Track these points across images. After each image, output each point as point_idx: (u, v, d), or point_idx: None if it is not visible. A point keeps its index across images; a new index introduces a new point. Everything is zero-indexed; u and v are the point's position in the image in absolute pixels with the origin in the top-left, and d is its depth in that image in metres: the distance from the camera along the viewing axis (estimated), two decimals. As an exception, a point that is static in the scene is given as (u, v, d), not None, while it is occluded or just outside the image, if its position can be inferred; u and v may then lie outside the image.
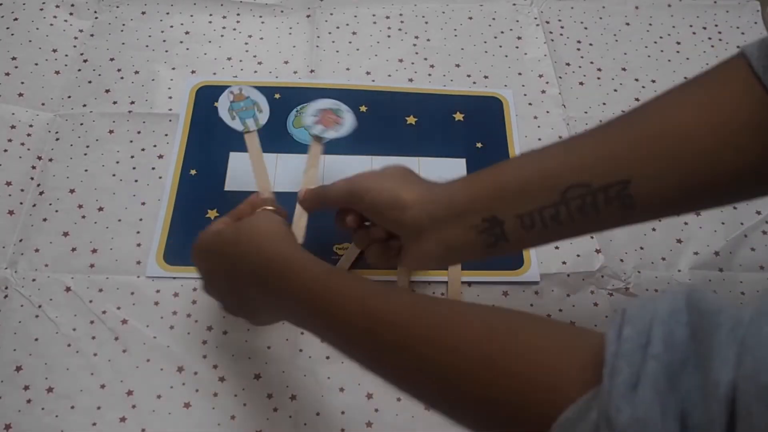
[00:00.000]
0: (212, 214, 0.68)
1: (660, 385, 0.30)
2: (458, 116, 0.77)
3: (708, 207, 0.49)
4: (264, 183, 0.62)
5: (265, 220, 0.53)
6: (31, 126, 0.73)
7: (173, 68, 0.79)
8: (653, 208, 0.47)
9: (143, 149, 0.72)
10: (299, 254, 0.49)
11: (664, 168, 0.45)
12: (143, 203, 0.69)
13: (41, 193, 0.69)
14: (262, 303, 0.51)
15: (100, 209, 0.68)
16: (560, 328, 0.40)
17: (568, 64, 0.82)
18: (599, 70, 0.82)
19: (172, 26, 0.82)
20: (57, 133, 0.73)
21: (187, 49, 0.80)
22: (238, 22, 0.83)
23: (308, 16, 0.84)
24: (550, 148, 0.50)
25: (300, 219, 0.62)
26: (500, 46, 0.83)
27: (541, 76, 0.80)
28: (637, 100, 0.79)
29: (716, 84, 0.46)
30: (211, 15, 0.84)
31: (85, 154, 0.72)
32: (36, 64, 0.78)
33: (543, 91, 0.79)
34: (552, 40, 0.84)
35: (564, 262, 0.67)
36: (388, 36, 0.83)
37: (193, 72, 0.78)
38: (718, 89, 0.46)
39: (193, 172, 0.71)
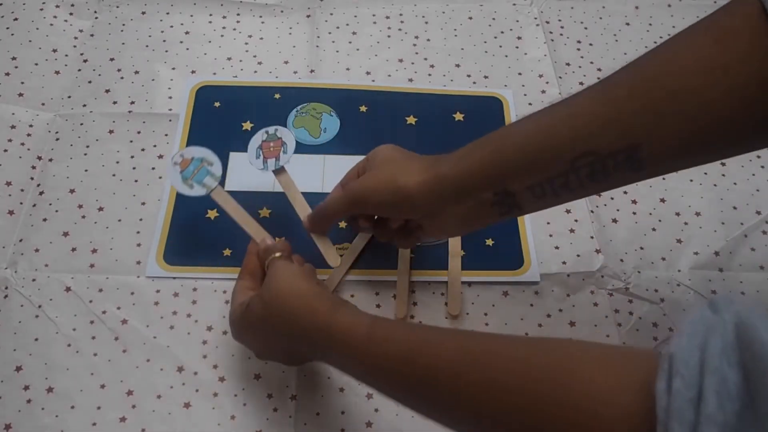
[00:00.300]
0: (212, 214, 0.68)
1: None
2: (458, 116, 0.77)
3: (721, 158, 0.48)
4: (255, 230, 0.60)
5: (284, 283, 0.51)
6: (31, 126, 0.73)
7: (173, 68, 0.79)
8: (663, 167, 0.46)
9: (143, 149, 0.72)
10: (337, 314, 0.48)
11: (674, 127, 0.43)
12: (143, 203, 0.69)
13: (41, 193, 0.69)
14: (315, 355, 0.52)
15: (100, 209, 0.68)
16: (608, 363, 0.37)
17: (568, 64, 0.82)
18: (599, 70, 0.82)
19: (172, 26, 0.82)
20: (57, 133, 0.73)
21: (187, 49, 0.80)
22: (238, 22, 0.83)
23: (308, 16, 0.84)
24: (552, 113, 0.49)
25: (326, 246, 0.61)
26: (500, 46, 0.83)
27: (541, 76, 0.80)
28: (637, 100, 0.79)
29: (725, 32, 0.43)
30: (211, 15, 0.84)
31: (85, 154, 0.72)
32: (36, 64, 0.78)
33: (543, 91, 0.79)
34: (552, 40, 0.84)
35: (564, 262, 0.67)
36: (388, 36, 0.83)
37: (193, 72, 0.78)
38: (728, 37, 0.43)
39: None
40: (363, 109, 0.76)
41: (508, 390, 0.39)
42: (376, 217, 0.59)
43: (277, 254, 0.56)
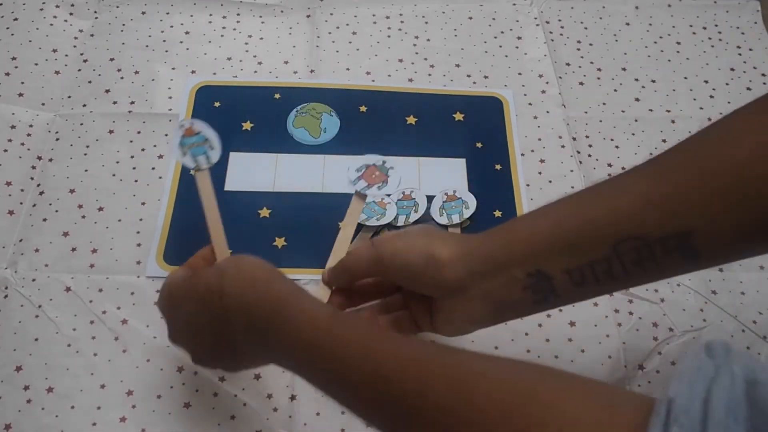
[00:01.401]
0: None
1: None
2: (458, 116, 0.77)
3: None
4: (217, 235, 0.56)
5: (248, 261, 0.47)
6: (31, 126, 0.73)
7: (173, 68, 0.79)
8: (722, 257, 0.42)
9: (143, 149, 0.72)
10: (301, 295, 0.45)
11: (731, 215, 0.39)
12: (143, 203, 0.69)
13: (41, 193, 0.69)
14: (251, 349, 0.46)
15: (100, 209, 0.68)
16: (595, 407, 0.33)
17: (568, 64, 0.82)
18: (599, 70, 0.82)
19: (172, 26, 0.82)
20: (57, 133, 0.73)
21: (187, 49, 0.80)
22: (238, 22, 0.83)
23: (308, 16, 0.84)
24: (593, 193, 0.45)
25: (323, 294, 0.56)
26: (500, 46, 0.83)
27: (541, 76, 0.80)
28: (637, 100, 0.79)
29: None
30: (211, 15, 0.84)
31: (85, 154, 0.72)
32: (36, 64, 0.78)
33: (543, 91, 0.79)
34: (552, 40, 0.84)
35: (564, 262, 0.67)
36: (388, 36, 0.83)
37: (193, 72, 0.78)
38: None
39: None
40: (363, 109, 0.76)
41: (481, 414, 0.34)
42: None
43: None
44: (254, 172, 0.71)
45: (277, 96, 0.77)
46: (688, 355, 0.32)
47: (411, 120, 0.76)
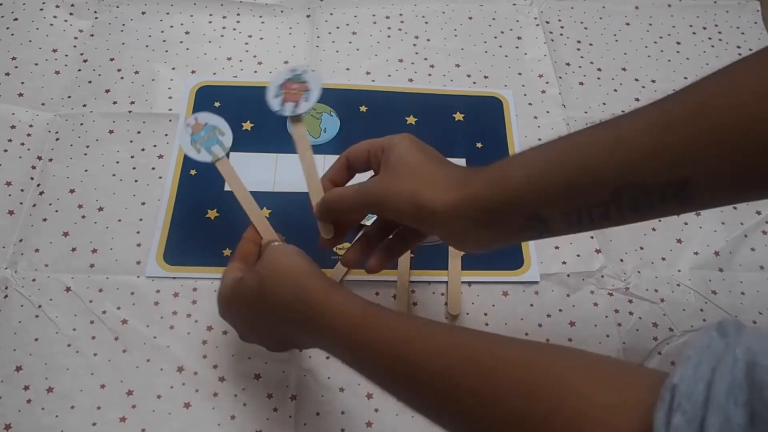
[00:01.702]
0: (212, 214, 0.68)
1: None
2: (458, 116, 0.77)
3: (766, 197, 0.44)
4: (255, 215, 0.57)
5: (283, 259, 0.51)
6: (31, 126, 0.73)
7: (173, 68, 0.79)
8: (713, 202, 0.43)
9: (143, 149, 0.72)
10: (332, 295, 0.47)
11: (729, 166, 0.40)
12: (143, 203, 0.69)
13: (41, 193, 0.69)
14: (303, 340, 0.52)
15: (100, 209, 0.68)
16: (607, 381, 0.35)
17: (568, 64, 0.82)
18: (599, 70, 0.82)
19: (172, 26, 0.82)
20: (57, 133, 0.73)
21: (187, 49, 0.80)
22: (238, 22, 0.83)
23: (308, 16, 0.84)
24: (594, 139, 0.45)
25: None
26: (500, 46, 0.83)
27: (541, 76, 0.80)
28: (637, 100, 0.79)
29: None
30: (211, 15, 0.84)
31: (85, 154, 0.72)
32: (36, 64, 0.78)
33: (543, 91, 0.79)
34: (552, 40, 0.84)
35: (564, 262, 0.67)
36: (388, 36, 0.83)
37: (193, 72, 0.78)
38: None
39: (193, 172, 0.71)
40: (363, 109, 0.76)
41: (498, 399, 0.37)
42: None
43: (276, 243, 0.56)
44: (254, 172, 0.71)
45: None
46: (700, 333, 0.32)
47: (411, 120, 0.76)
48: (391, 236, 0.57)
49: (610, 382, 0.35)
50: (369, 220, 0.65)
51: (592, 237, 0.68)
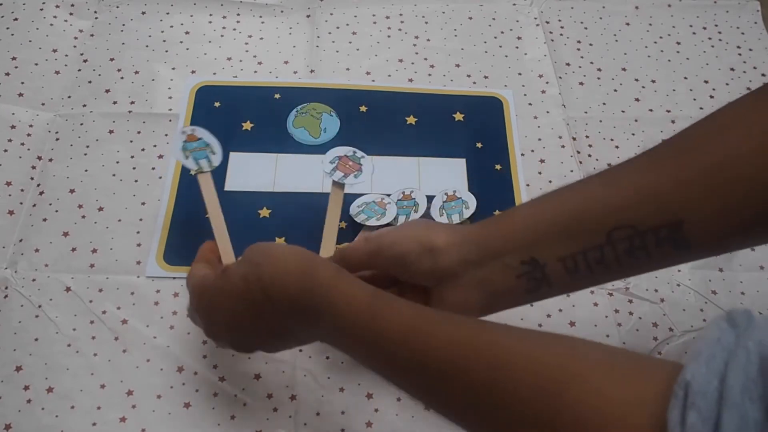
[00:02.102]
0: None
1: None
2: (458, 116, 0.77)
3: None
4: (221, 233, 0.59)
5: (278, 246, 0.48)
6: (31, 126, 0.73)
7: (173, 68, 0.79)
8: (711, 249, 0.43)
9: (143, 149, 0.72)
10: (340, 282, 0.45)
11: (720, 205, 0.40)
12: (143, 203, 0.69)
13: (41, 193, 0.69)
14: (301, 333, 0.48)
15: (100, 209, 0.68)
16: (620, 382, 0.34)
17: (568, 64, 0.82)
18: (599, 70, 0.82)
19: (172, 26, 0.82)
20: (57, 133, 0.73)
21: (187, 49, 0.80)
22: (238, 22, 0.83)
23: (308, 16, 0.84)
24: (588, 183, 0.46)
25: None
26: (500, 46, 0.83)
27: (541, 76, 0.80)
28: (637, 100, 0.79)
29: None
30: (211, 15, 0.84)
31: (85, 154, 0.72)
32: (36, 64, 0.78)
33: (543, 91, 0.79)
34: (552, 40, 0.84)
35: (564, 262, 0.67)
36: (388, 36, 0.83)
37: (193, 72, 0.78)
38: None
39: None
40: (363, 109, 0.76)
41: (508, 392, 0.36)
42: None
43: None
44: (254, 172, 0.71)
45: (277, 96, 0.77)
46: (711, 325, 0.32)
47: (411, 120, 0.76)
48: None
49: (624, 375, 0.34)
50: (369, 220, 0.65)
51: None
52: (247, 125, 0.74)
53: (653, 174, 0.43)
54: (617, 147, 0.75)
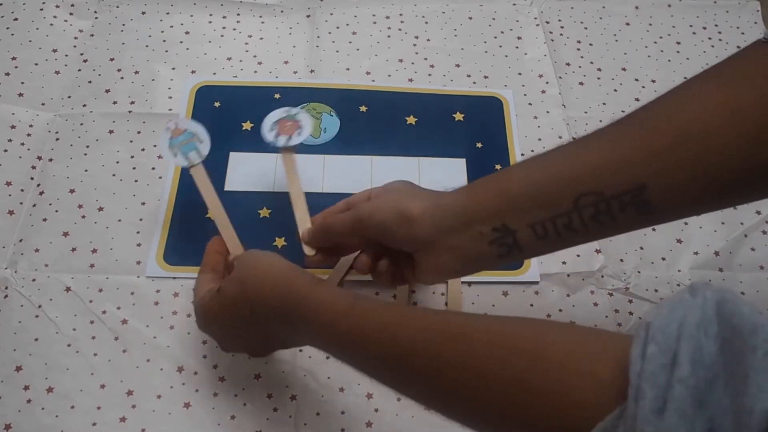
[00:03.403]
0: (212, 214, 0.68)
1: (686, 409, 0.29)
2: (458, 116, 0.77)
3: (731, 205, 0.47)
4: (223, 223, 0.59)
5: (264, 260, 0.51)
6: (31, 126, 0.73)
7: (173, 68, 0.79)
8: (672, 211, 0.45)
9: (143, 149, 0.72)
10: (317, 288, 0.48)
11: (682, 170, 0.42)
12: (143, 203, 0.69)
13: (41, 193, 0.69)
14: (291, 338, 0.52)
15: (100, 209, 0.68)
16: (585, 338, 0.38)
17: (568, 64, 0.82)
18: (599, 70, 0.82)
19: (172, 26, 0.82)
20: (57, 133, 0.73)
21: (187, 49, 0.80)
22: (238, 22, 0.83)
23: (308, 16, 0.84)
24: (558, 152, 0.48)
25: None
26: (500, 46, 0.83)
27: (541, 76, 0.80)
28: (637, 100, 0.79)
29: (738, 76, 0.43)
30: (211, 15, 0.84)
31: (85, 154, 0.72)
32: (36, 64, 0.78)
33: (543, 91, 0.79)
34: (552, 40, 0.84)
35: (564, 262, 0.67)
36: (388, 36, 0.83)
37: (193, 72, 0.78)
38: (741, 82, 0.43)
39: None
40: (363, 109, 0.76)
41: (484, 359, 0.39)
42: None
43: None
44: (254, 172, 0.70)
45: (277, 96, 0.77)
46: (673, 294, 0.34)
47: (411, 120, 0.76)
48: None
49: (586, 339, 0.37)
50: None
51: (592, 237, 0.68)
52: (247, 125, 0.74)
53: (617, 142, 0.45)
54: (617, 147, 0.75)
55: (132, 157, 0.72)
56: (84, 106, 0.75)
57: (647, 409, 0.30)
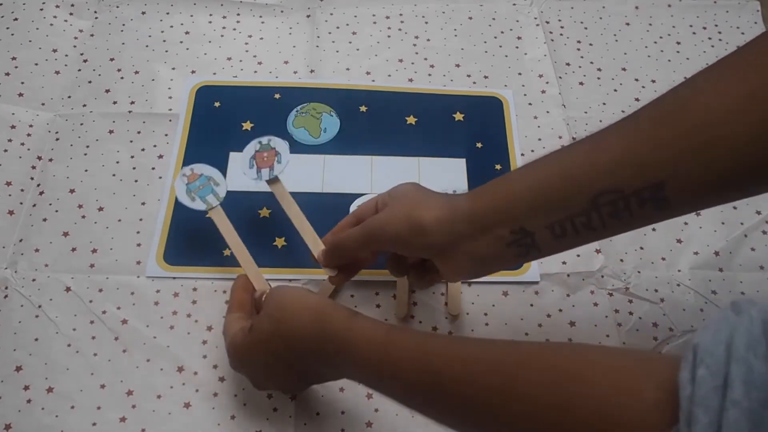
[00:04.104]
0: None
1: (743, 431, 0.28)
2: (458, 116, 0.77)
3: (747, 196, 0.47)
4: (246, 261, 0.60)
5: (295, 297, 0.51)
6: (31, 126, 0.73)
7: (173, 68, 0.79)
8: (689, 205, 0.45)
9: (143, 149, 0.72)
10: (354, 322, 0.48)
11: (699, 166, 0.42)
12: (143, 203, 0.69)
13: (41, 193, 0.69)
14: (328, 372, 0.51)
15: (100, 209, 0.68)
16: (627, 359, 0.37)
17: (568, 64, 0.82)
18: (599, 70, 0.82)
19: (172, 26, 0.82)
20: (57, 133, 0.73)
21: (187, 49, 0.80)
22: (238, 22, 0.83)
23: (308, 16, 0.84)
24: (569, 152, 0.48)
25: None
26: (500, 46, 0.83)
27: (541, 76, 0.80)
28: (637, 100, 0.79)
29: (751, 69, 0.42)
30: (211, 15, 0.84)
31: (85, 154, 0.72)
32: (36, 64, 0.78)
33: (543, 91, 0.79)
34: (552, 40, 0.84)
35: (564, 262, 0.67)
36: (388, 36, 0.83)
37: (193, 72, 0.78)
38: (754, 75, 0.42)
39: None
40: (363, 109, 0.76)
41: (529, 385, 0.38)
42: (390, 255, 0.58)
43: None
44: (254, 172, 0.70)
45: (277, 96, 0.77)
46: (716, 312, 0.34)
47: (411, 120, 0.76)
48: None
49: (632, 362, 0.36)
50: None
51: (592, 237, 0.68)
52: (247, 125, 0.74)
53: (633, 138, 0.44)
54: (617, 147, 0.75)
55: (132, 157, 0.72)
56: (84, 106, 0.75)
57: None
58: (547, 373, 0.38)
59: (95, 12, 0.83)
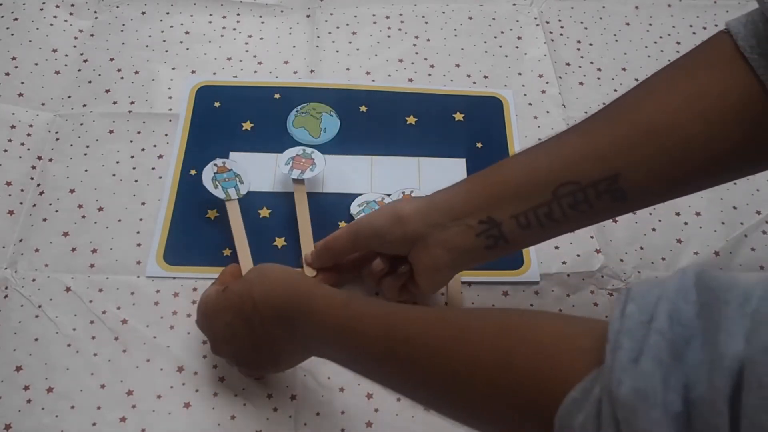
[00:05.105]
0: (212, 214, 0.68)
1: (663, 356, 0.29)
2: (458, 116, 0.77)
3: (699, 190, 0.51)
4: (244, 258, 0.62)
5: (272, 266, 0.54)
6: (31, 126, 0.73)
7: (173, 68, 0.79)
8: (645, 198, 0.48)
9: (143, 149, 0.72)
10: (316, 286, 0.51)
11: (652, 159, 0.46)
12: (143, 203, 0.69)
13: (41, 193, 0.69)
14: (287, 343, 0.52)
15: (100, 209, 0.68)
16: (566, 319, 0.40)
17: (568, 64, 0.82)
18: (599, 70, 0.82)
19: (172, 26, 0.82)
20: (57, 133, 0.73)
21: (187, 49, 0.80)
22: (238, 22, 0.83)
23: (308, 16, 0.84)
24: (538, 148, 0.52)
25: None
26: (500, 46, 0.83)
27: (541, 76, 0.80)
28: (637, 100, 0.79)
29: (701, 67, 0.46)
30: (211, 15, 0.84)
31: (85, 154, 0.72)
32: (36, 64, 0.78)
33: (543, 91, 0.79)
34: (552, 40, 0.84)
35: (564, 262, 0.67)
36: (388, 36, 0.83)
37: (193, 72, 0.78)
38: (704, 73, 0.46)
39: (193, 172, 0.70)
40: (363, 109, 0.76)
41: (474, 344, 0.40)
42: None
43: None
44: (254, 172, 0.70)
45: (277, 96, 0.77)
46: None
47: (411, 120, 0.76)
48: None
49: (573, 319, 0.39)
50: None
51: (592, 237, 0.68)
52: (247, 125, 0.74)
53: (591, 134, 0.48)
54: (617, 147, 0.75)
55: (132, 157, 0.72)
56: (84, 106, 0.75)
57: (624, 359, 0.30)
58: (494, 324, 0.40)
59: (95, 12, 0.83)
